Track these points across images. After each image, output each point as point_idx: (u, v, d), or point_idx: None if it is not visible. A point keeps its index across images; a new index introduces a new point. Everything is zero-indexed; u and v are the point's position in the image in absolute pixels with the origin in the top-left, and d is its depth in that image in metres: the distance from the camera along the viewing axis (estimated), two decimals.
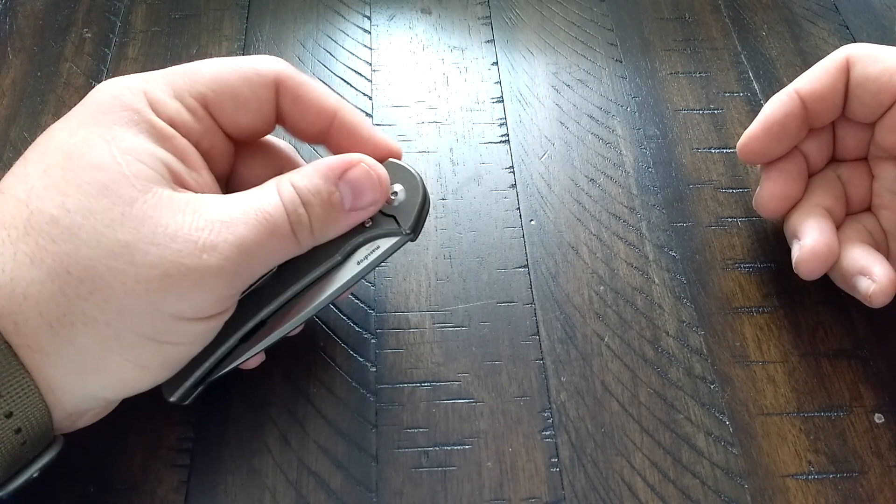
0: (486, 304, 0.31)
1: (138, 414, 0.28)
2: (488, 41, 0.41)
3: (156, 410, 0.28)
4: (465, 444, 0.28)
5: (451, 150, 0.36)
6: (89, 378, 0.21)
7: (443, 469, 0.27)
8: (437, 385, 0.29)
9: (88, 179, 0.21)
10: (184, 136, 0.23)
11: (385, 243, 0.26)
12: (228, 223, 0.22)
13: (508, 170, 0.35)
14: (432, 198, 0.34)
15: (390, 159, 0.26)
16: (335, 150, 0.27)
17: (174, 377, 0.25)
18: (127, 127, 0.22)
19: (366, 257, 0.26)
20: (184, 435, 0.27)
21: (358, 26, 0.41)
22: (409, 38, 0.41)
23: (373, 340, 0.30)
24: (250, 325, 0.25)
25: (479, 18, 0.42)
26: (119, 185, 0.21)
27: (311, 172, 0.24)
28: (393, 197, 0.26)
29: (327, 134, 0.26)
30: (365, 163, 0.24)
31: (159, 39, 0.40)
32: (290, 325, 0.26)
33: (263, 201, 0.23)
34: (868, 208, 0.31)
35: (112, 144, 0.21)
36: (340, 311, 0.31)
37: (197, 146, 0.24)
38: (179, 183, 0.22)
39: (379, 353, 0.30)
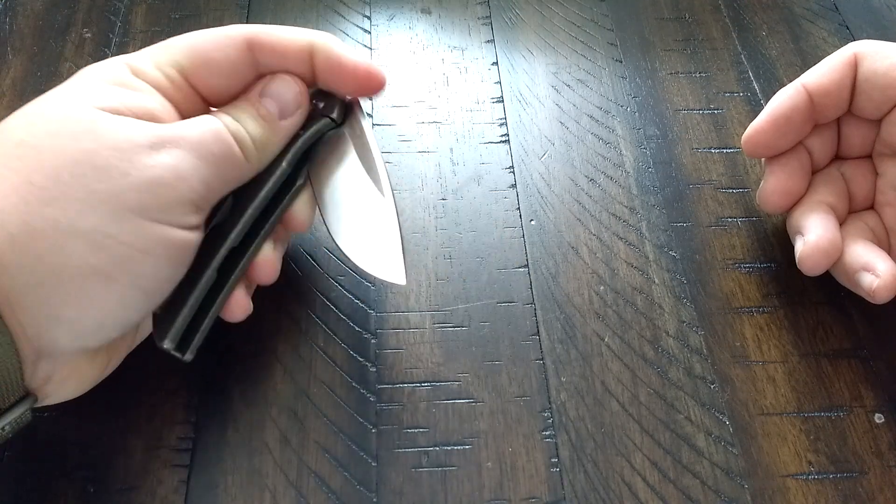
0: (486, 304, 0.31)
1: (138, 414, 0.28)
2: (488, 41, 0.41)
3: (156, 410, 0.28)
4: (465, 444, 0.28)
5: (451, 150, 0.36)
6: (50, 292, 0.21)
7: (443, 469, 0.27)
8: (437, 385, 0.29)
9: (59, 109, 0.22)
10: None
11: (327, 146, 0.28)
12: (183, 127, 0.23)
13: (508, 170, 0.35)
14: (432, 198, 0.34)
15: (316, 89, 0.28)
16: (324, 86, 0.28)
17: (162, 321, 0.25)
18: (113, 86, 0.24)
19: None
20: (184, 435, 0.27)
21: (358, 26, 0.41)
22: (409, 38, 0.41)
23: (373, 340, 0.30)
24: (223, 251, 0.25)
25: (479, 18, 0.42)
26: (88, 110, 0.22)
27: (237, 101, 0.26)
28: (320, 104, 0.28)
29: (314, 72, 0.27)
30: (278, 74, 0.27)
31: (159, 39, 0.39)
32: (260, 243, 0.27)
33: (207, 122, 0.24)
34: (870, 206, 0.31)
35: (93, 91, 0.23)
36: (340, 311, 0.31)
37: (177, 111, 0.25)
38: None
39: (379, 353, 0.30)
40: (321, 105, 0.28)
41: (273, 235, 0.28)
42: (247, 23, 0.41)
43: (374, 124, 0.37)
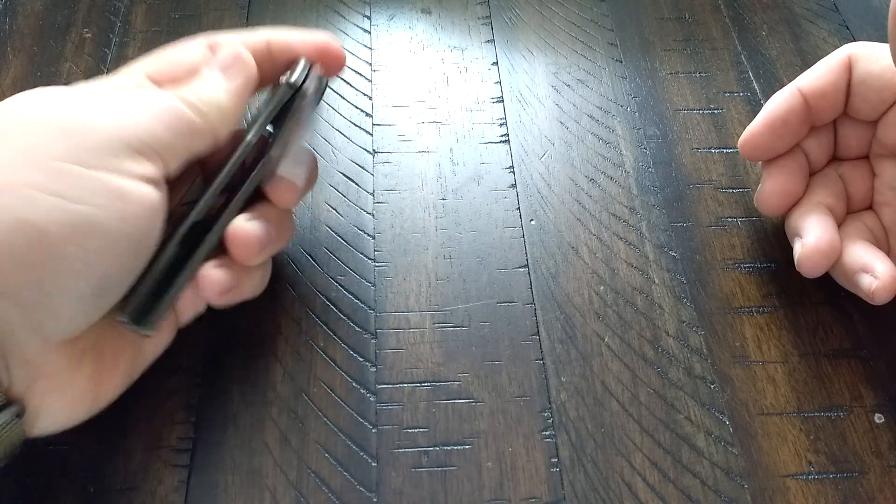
0: (486, 304, 0.31)
1: (138, 414, 0.28)
2: (488, 41, 0.41)
3: (156, 410, 0.28)
4: (465, 444, 0.28)
5: (451, 150, 0.36)
6: None
7: (443, 469, 0.27)
8: (437, 385, 0.29)
9: (14, 97, 0.23)
10: None
11: (294, 115, 0.28)
12: (138, 94, 0.24)
13: (508, 170, 0.35)
14: (432, 198, 0.34)
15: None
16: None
17: (126, 297, 0.24)
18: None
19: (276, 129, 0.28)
20: (184, 435, 0.27)
21: (358, 26, 0.41)
22: (409, 38, 0.41)
23: (373, 340, 0.30)
24: (186, 225, 0.25)
25: (479, 18, 0.42)
26: (36, 91, 0.23)
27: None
28: (283, 78, 0.28)
29: (273, 69, 0.28)
30: (222, 44, 0.27)
31: (159, 39, 0.40)
32: (230, 216, 0.26)
33: (151, 90, 0.25)
34: (868, 206, 0.31)
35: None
36: (340, 311, 0.31)
37: None
38: None
39: (379, 353, 0.30)
40: (285, 76, 0.28)
41: (258, 212, 0.27)
42: (247, 23, 0.41)
43: (374, 124, 0.37)
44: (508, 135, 0.37)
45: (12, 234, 0.20)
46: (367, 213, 0.34)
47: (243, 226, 0.26)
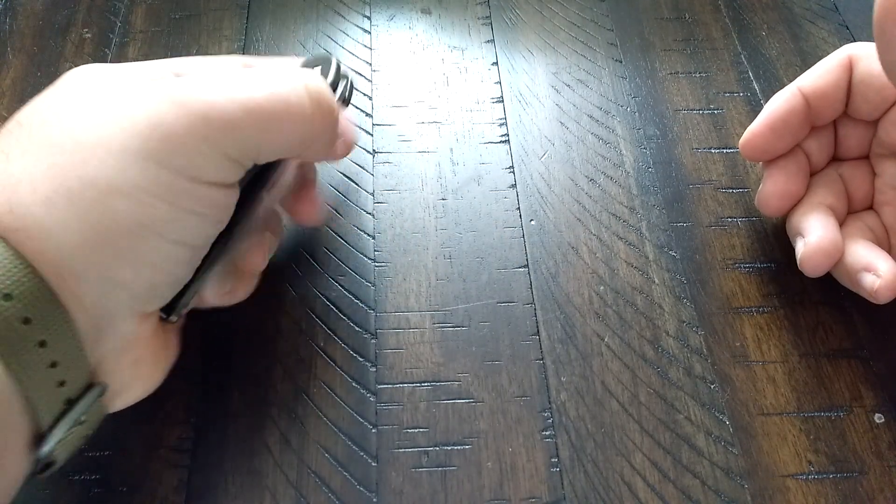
0: (486, 304, 0.31)
1: (138, 414, 0.27)
2: (488, 41, 0.41)
3: (156, 410, 0.28)
4: (465, 444, 0.28)
5: (451, 150, 0.36)
6: (102, 253, 0.20)
7: (443, 469, 0.27)
8: (437, 385, 0.29)
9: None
10: None
11: None
12: (237, 83, 0.22)
13: (508, 170, 0.35)
14: (432, 198, 0.34)
15: (315, 54, 0.28)
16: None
17: None
18: None
19: None
20: (184, 435, 0.27)
21: (358, 26, 0.41)
22: (409, 38, 0.41)
23: (373, 340, 0.30)
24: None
25: (479, 18, 0.42)
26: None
27: None
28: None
29: None
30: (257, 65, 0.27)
31: (159, 39, 0.40)
32: (251, 215, 0.26)
33: (283, 81, 0.23)
34: (869, 206, 0.31)
35: None
36: (340, 311, 0.31)
37: None
38: None
39: (379, 353, 0.30)
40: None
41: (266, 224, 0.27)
42: (247, 24, 0.41)
43: (374, 124, 0.37)
44: (508, 135, 0.37)
45: (130, 235, 0.21)
46: (367, 213, 0.34)
47: (256, 239, 0.27)
